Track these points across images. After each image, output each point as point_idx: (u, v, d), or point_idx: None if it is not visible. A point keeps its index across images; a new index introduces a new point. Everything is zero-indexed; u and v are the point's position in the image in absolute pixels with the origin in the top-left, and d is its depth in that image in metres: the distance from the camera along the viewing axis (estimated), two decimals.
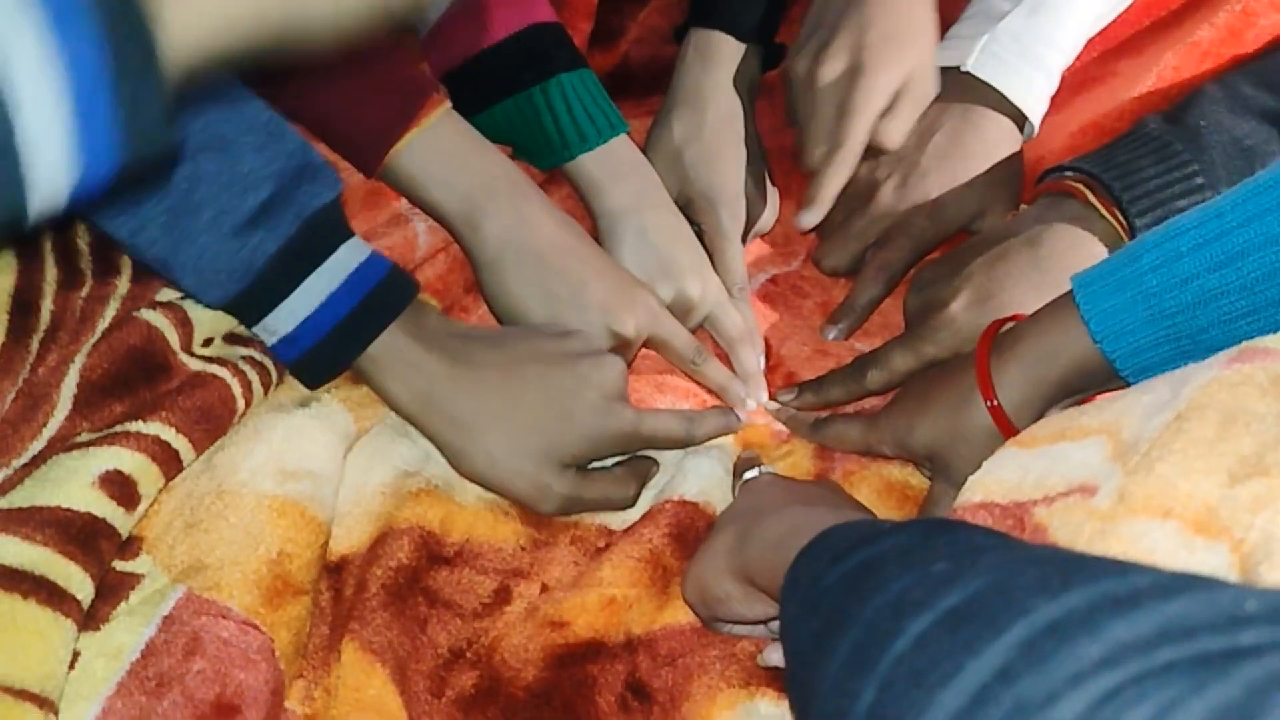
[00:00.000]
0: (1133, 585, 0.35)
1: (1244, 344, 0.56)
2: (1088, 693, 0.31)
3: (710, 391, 0.86)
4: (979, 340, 0.75)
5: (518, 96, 0.87)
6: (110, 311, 0.71)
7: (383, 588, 0.71)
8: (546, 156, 0.88)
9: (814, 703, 0.44)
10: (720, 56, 0.94)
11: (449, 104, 0.82)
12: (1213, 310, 0.65)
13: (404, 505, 0.75)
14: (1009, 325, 0.75)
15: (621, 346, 0.82)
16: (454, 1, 0.87)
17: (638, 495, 0.79)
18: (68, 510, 0.62)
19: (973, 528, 0.50)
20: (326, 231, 0.71)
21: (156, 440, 0.67)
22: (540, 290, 0.81)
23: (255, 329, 0.72)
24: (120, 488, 0.64)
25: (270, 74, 0.71)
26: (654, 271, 0.86)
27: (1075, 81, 0.95)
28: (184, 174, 0.66)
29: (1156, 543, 0.51)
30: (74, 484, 0.63)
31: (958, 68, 0.93)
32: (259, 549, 0.67)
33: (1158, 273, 0.67)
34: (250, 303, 0.70)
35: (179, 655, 0.63)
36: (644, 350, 0.86)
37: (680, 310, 0.86)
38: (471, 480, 0.76)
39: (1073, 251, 0.82)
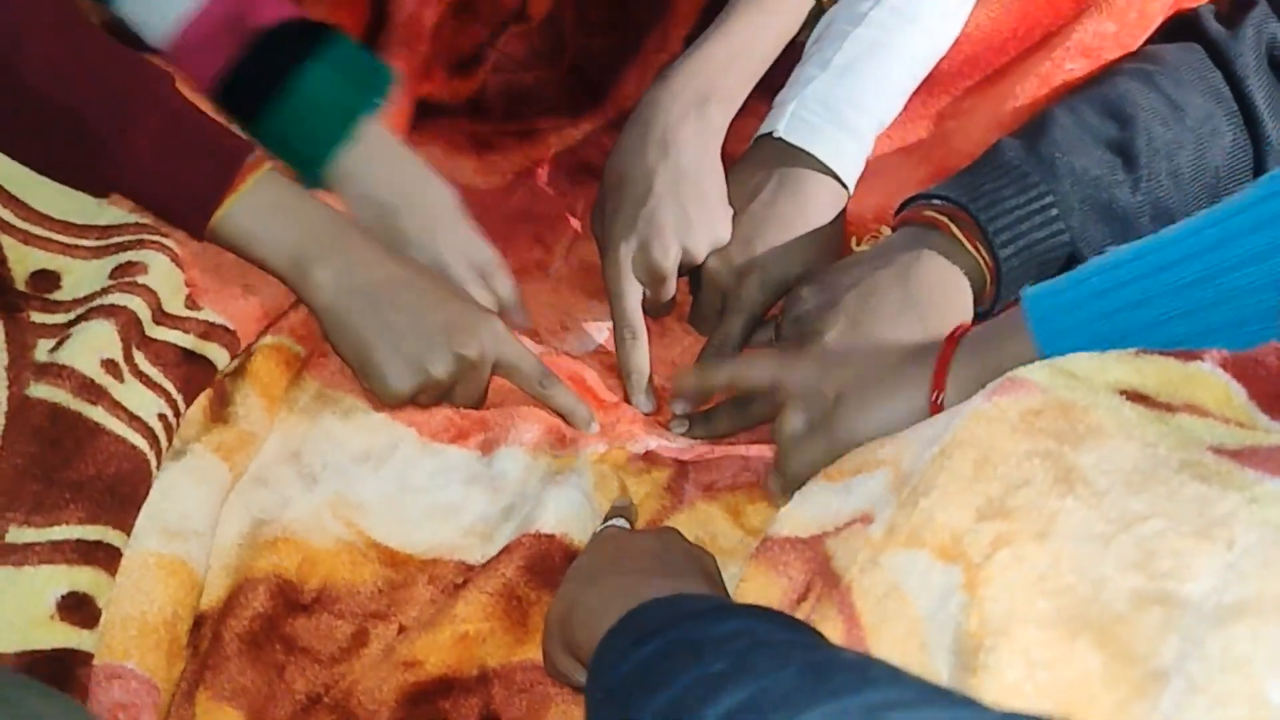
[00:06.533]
0: (867, 702, 0.42)
1: (1007, 375, 0.63)
2: None
3: (561, 418, 0.94)
4: (946, 338, 0.81)
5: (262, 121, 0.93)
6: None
7: (238, 637, 0.78)
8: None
9: None
10: None
11: (267, 165, 0.88)
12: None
13: (260, 555, 0.82)
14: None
15: (469, 370, 0.90)
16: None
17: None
18: (34, 653, 0.68)
19: (759, 615, 0.57)
20: None
21: (100, 545, 0.73)
22: (378, 325, 0.88)
23: None
24: (79, 611, 0.71)
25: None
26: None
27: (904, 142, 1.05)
28: None
29: (910, 573, 0.58)
30: (29, 620, 0.69)
31: (771, 134, 1.01)
32: (154, 607, 0.74)
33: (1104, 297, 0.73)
34: None
35: None
36: (500, 384, 0.94)
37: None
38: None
39: (940, 284, 0.90)
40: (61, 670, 0.69)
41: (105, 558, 0.74)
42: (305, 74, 0.92)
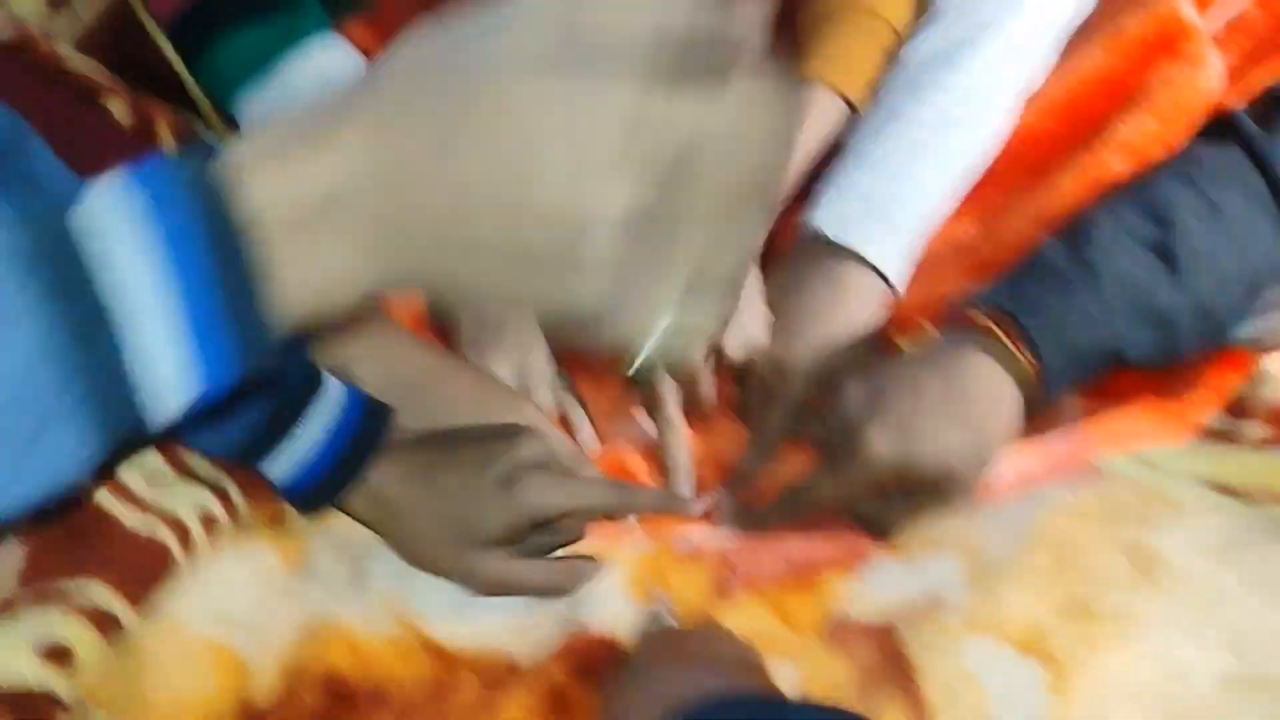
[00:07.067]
0: None
1: (1091, 465, 0.64)
2: None
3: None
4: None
5: None
6: None
7: None
8: None
9: None
10: None
11: None
12: None
13: (314, 651, 0.82)
14: None
15: None
16: None
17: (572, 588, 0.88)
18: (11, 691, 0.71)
19: (815, 712, 0.58)
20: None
21: (95, 610, 0.76)
22: (417, 418, 0.89)
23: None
24: (60, 658, 0.74)
25: None
26: None
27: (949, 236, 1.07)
28: None
29: (985, 661, 0.59)
30: (15, 657, 0.72)
31: (812, 230, 1.03)
32: (203, 687, 0.77)
33: None
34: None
35: None
36: None
37: None
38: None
39: (986, 388, 0.91)
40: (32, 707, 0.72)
41: (103, 621, 0.76)
42: None
